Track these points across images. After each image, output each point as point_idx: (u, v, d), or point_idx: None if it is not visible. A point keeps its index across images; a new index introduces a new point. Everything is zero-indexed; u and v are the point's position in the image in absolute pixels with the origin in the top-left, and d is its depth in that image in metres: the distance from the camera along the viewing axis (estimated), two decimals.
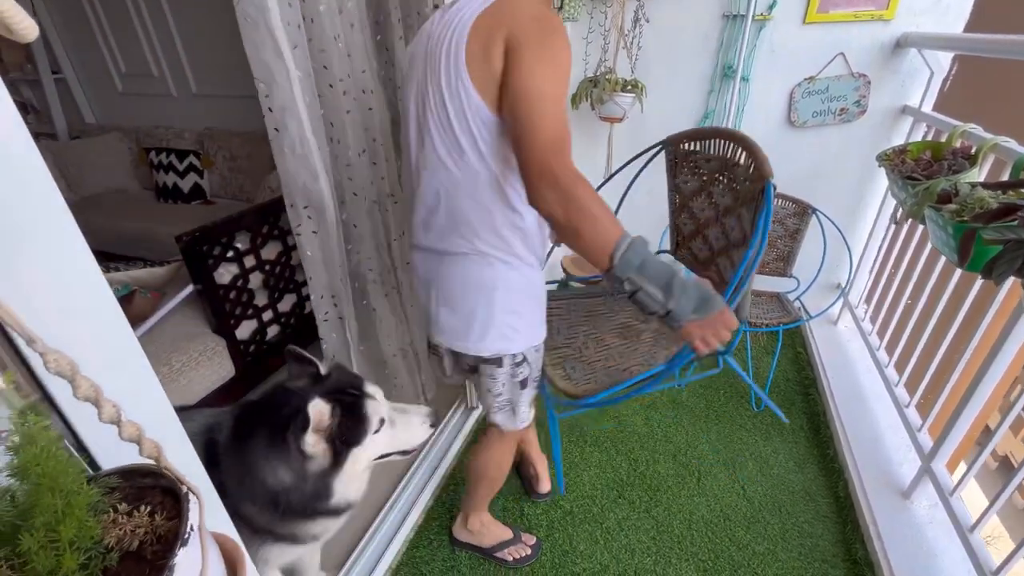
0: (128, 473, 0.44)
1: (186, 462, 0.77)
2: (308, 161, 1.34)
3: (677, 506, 1.62)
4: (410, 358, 1.85)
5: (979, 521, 1.22)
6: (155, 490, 0.44)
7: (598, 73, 2.12)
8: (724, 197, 1.34)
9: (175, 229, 1.71)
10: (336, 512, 0.95)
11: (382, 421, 0.94)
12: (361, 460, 0.92)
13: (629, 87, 2.07)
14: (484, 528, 1.47)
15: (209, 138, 3.08)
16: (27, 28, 0.34)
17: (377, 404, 0.95)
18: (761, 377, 2.15)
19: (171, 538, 0.38)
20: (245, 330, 1.89)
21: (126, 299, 1.60)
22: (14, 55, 3.43)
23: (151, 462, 0.44)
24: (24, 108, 3.71)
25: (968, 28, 1.86)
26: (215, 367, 1.77)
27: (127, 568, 0.38)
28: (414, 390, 1.91)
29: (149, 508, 0.41)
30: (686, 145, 1.44)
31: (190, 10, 2.92)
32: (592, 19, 2.14)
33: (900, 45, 1.92)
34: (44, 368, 0.40)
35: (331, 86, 1.35)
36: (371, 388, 0.97)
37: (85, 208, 3.09)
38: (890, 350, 1.90)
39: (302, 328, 2.14)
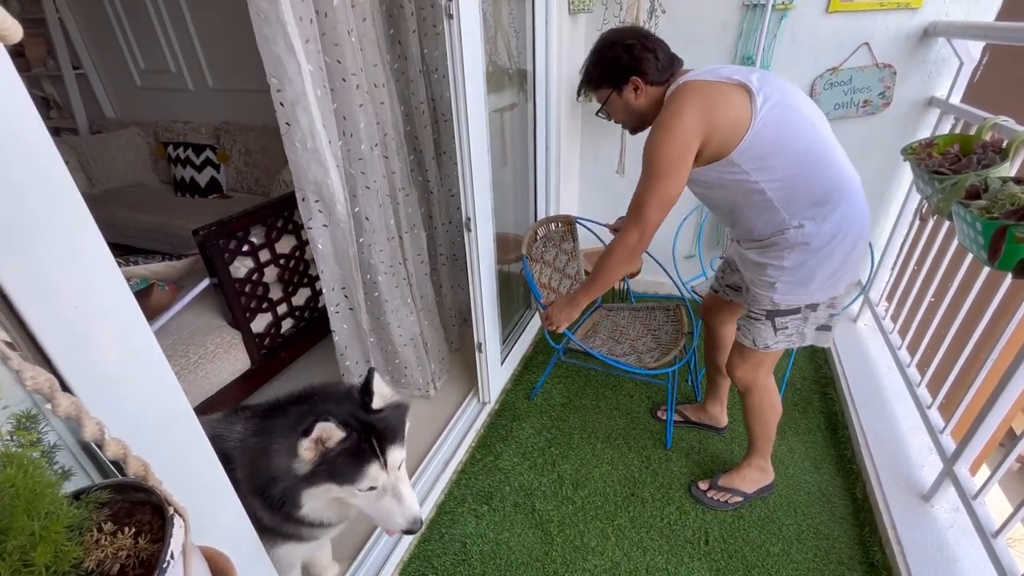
0: (122, 487, 0.44)
1: (201, 459, 0.77)
2: (319, 155, 1.34)
3: (690, 504, 1.60)
4: (419, 348, 1.86)
5: (1004, 526, 1.18)
6: (147, 506, 0.43)
7: None
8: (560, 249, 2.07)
9: (192, 223, 1.73)
10: (310, 524, 0.93)
11: (373, 488, 0.88)
12: (332, 493, 0.87)
13: None
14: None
15: (225, 132, 3.11)
16: (10, 29, 0.34)
17: (382, 473, 0.87)
18: (777, 375, 2.11)
19: (153, 563, 0.38)
20: (260, 323, 1.91)
21: (145, 292, 1.63)
22: (36, 51, 3.50)
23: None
24: (46, 103, 3.79)
25: (1001, 16, 1.79)
26: (231, 360, 1.79)
27: None
28: (423, 379, 1.92)
29: (134, 530, 0.40)
30: (539, 232, 1.98)
31: (207, 6, 2.94)
32: (607, 10, 2.10)
33: (928, 34, 1.85)
34: (20, 383, 0.39)
35: (344, 80, 1.35)
36: (396, 452, 0.89)
37: (106, 202, 3.15)
38: (912, 349, 1.85)
39: (317, 322, 2.16)
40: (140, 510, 0.43)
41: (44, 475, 0.36)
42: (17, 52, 3.57)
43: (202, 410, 1.70)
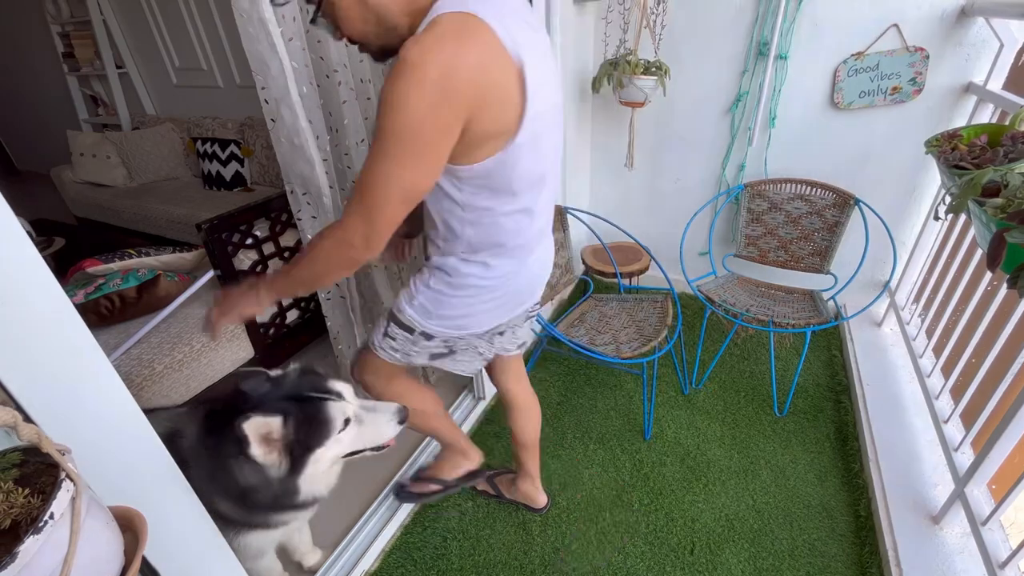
0: (36, 451, 0.45)
1: (153, 457, 0.80)
2: (304, 152, 1.36)
3: (679, 512, 1.55)
4: None
5: (1012, 556, 1.08)
6: (56, 467, 0.45)
7: (618, 55, 2.01)
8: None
9: (215, 215, 1.80)
10: (304, 506, 0.97)
11: (347, 421, 0.93)
12: (324, 460, 0.92)
13: (652, 69, 1.95)
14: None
15: (249, 127, 3.21)
16: None
17: (343, 404, 0.94)
18: (786, 380, 2.01)
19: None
20: (264, 314, 1.98)
21: (152, 282, 1.71)
22: (85, 52, 3.72)
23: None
24: (95, 101, 4.04)
25: None
26: (235, 349, 1.86)
27: (4, 543, 0.38)
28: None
29: (27, 490, 0.42)
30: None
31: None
32: None
33: (965, 14, 1.69)
34: None
35: (328, 76, 1.36)
36: (339, 386, 0.96)
37: (142, 194, 3.34)
38: (939, 356, 1.71)
39: (320, 314, 2.21)
40: (48, 472, 0.45)
41: None
42: (68, 53, 3.82)
43: (205, 397, 1.77)
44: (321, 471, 0.93)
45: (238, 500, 0.90)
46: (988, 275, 1.46)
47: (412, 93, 0.71)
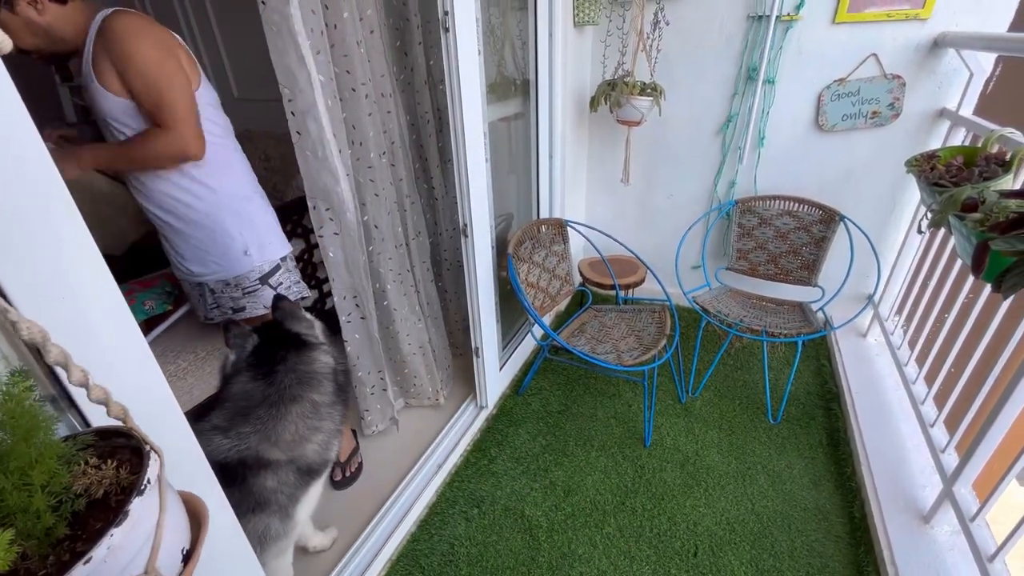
0: (105, 433, 0.50)
1: (189, 451, 0.81)
2: (328, 164, 1.40)
3: (681, 516, 1.59)
4: (428, 356, 1.89)
5: (1000, 549, 1.14)
6: (126, 449, 0.49)
7: (616, 76, 2.11)
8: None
9: None
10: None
11: None
12: None
13: (648, 90, 2.04)
14: None
15: (247, 140, 3.21)
16: (2, 42, 0.39)
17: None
18: (779, 388, 2.08)
19: (132, 489, 0.43)
20: None
21: None
22: (78, 63, 3.71)
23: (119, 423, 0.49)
24: (85, 112, 4.01)
25: (1013, 27, 1.75)
26: None
27: (94, 513, 0.43)
28: (432, 388, 1.95)
29: (115, 463, 0.46)
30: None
31: (232, 19, 3.09)
32: (610, 22, 2.13)
33: (937, 45, 1.82)
34: (18, 337, 0.44)
35: (353, 90, 1.41)
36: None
37: None
38: (922, 365, 1.80)
39: (324, 323, 2.22)
40: (120, 452, 0.49)
41: (38, 413, 0.42)
42: (61, 66, 3.80)
43: (210, 404, 1.77)
44: None
45: (337, 390, 1.19)
46: (966, 287, 1.56)
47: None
